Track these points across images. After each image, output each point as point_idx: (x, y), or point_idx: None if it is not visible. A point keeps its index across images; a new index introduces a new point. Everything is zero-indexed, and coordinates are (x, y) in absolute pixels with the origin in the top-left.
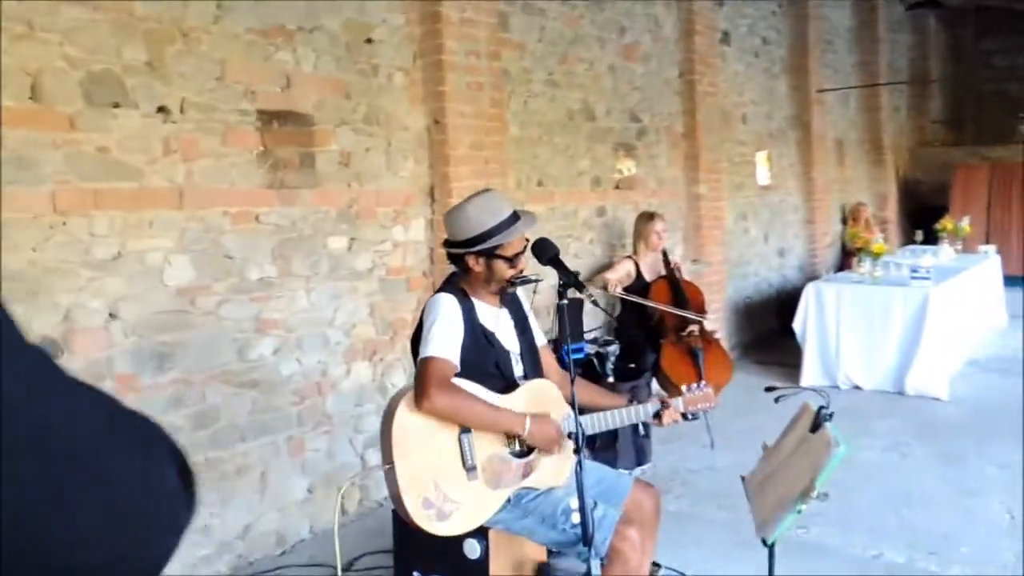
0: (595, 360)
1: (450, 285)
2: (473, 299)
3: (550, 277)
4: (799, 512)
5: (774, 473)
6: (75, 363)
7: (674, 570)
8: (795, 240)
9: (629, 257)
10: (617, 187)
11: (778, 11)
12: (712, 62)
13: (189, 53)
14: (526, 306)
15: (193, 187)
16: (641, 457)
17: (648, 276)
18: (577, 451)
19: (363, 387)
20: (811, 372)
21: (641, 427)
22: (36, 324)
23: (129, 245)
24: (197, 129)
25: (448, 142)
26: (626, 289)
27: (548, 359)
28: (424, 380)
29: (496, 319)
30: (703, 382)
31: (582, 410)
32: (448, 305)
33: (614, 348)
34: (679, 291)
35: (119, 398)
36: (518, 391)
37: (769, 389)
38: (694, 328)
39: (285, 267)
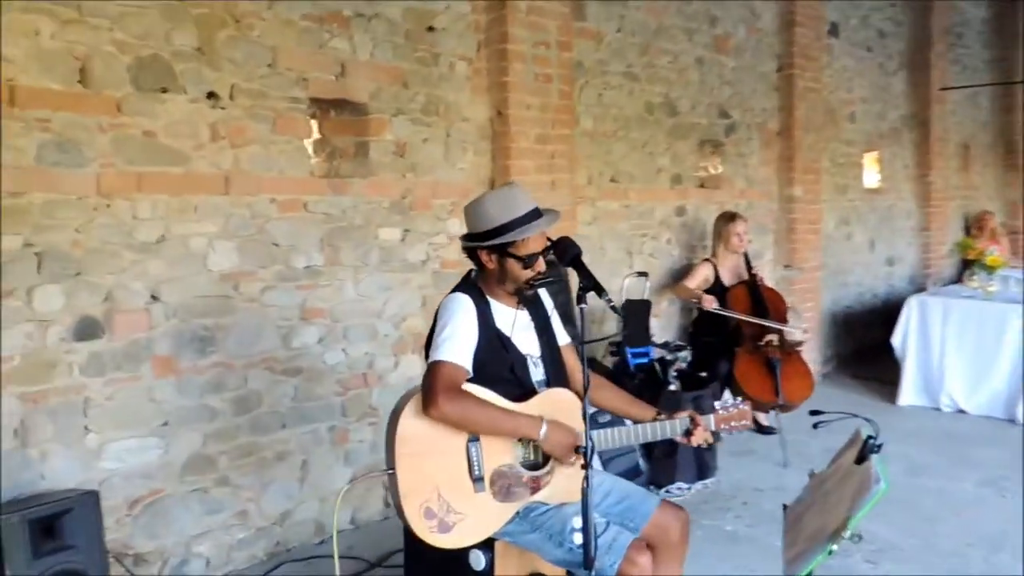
0: (658, 366)
1: (466, 284)
2: (490, 299)
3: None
4: (830, 553)
5: (814, 504)
6: (115, 344)
7: None
8: (907, 249)
9: (708, 260)
10: (701, 186)
11: (898, 2)
12: (816, 56)
13: (241, 39)
14: (548, 305)
15: (240, 173)
16: (703, 471)
17: (727, 280)
18: (585, 466)
19: (412, 380)
20: (910, 390)
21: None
22: (78, 303)
23: (173, 229)
24: (246, 116)
25: (511, 134)
26: (705, 292)
27: (572, 360)
28: (432, 386)
29: (513, 321)
30: (739, 398)
31: (611, 413)
32: (463, 306)
33: (685, 354)
34: (759, 298)
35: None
36: (534, 400)
37: (814, 413)
38: (772, 338)
39: (333, 256)
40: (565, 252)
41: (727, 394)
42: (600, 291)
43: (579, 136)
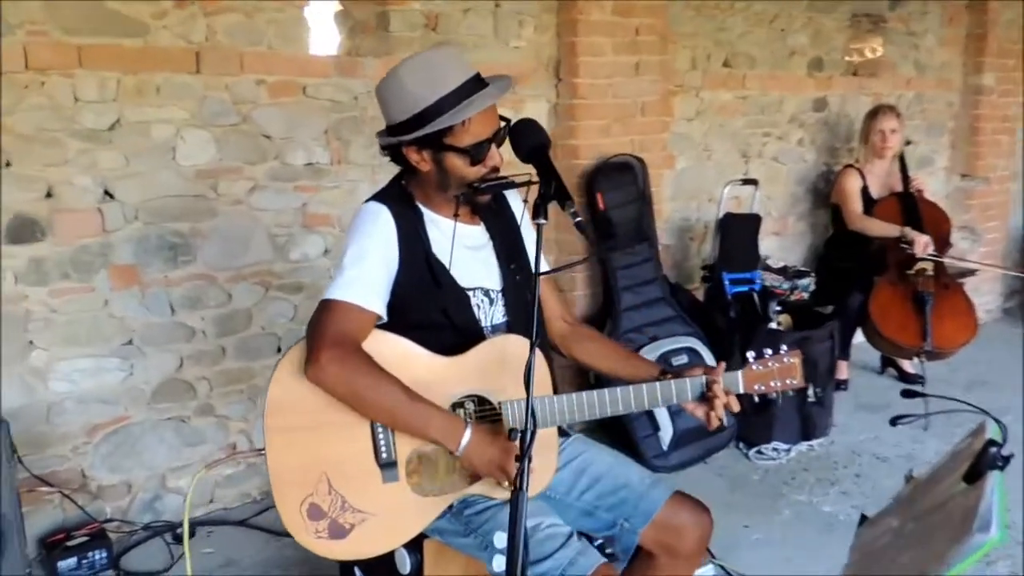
0: (757, 297)
1: (391, 190)
2: (424, 210)
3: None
4: None
5: (897, 528)
6: (60, 248)
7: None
8: None
9: (851, 166)
10: (854, 73)
11: None
12: None
13: None
14: (520, 216)
15: (215, 48)
16: (809, 429)
17: (875, 191)
18: (521, 456)
19: None
20: None
21: (814, 387)
22: (10, 200)
23: (129, 114)
24: None
25: (579, 3)
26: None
27: (551, 298)
28: (317, 336)
29: (459, 241)
30: (784, 347)
31: (598, 379)
32: (376, 221)
33: (807, 282)
34: (915, 215)
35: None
36: (468, 355)
37: (908, 395)
38: (926, 266)
39: (342, 152)
40: (523, 139)
41: (858, 335)
42: (564, 199)
43: (680, 7)
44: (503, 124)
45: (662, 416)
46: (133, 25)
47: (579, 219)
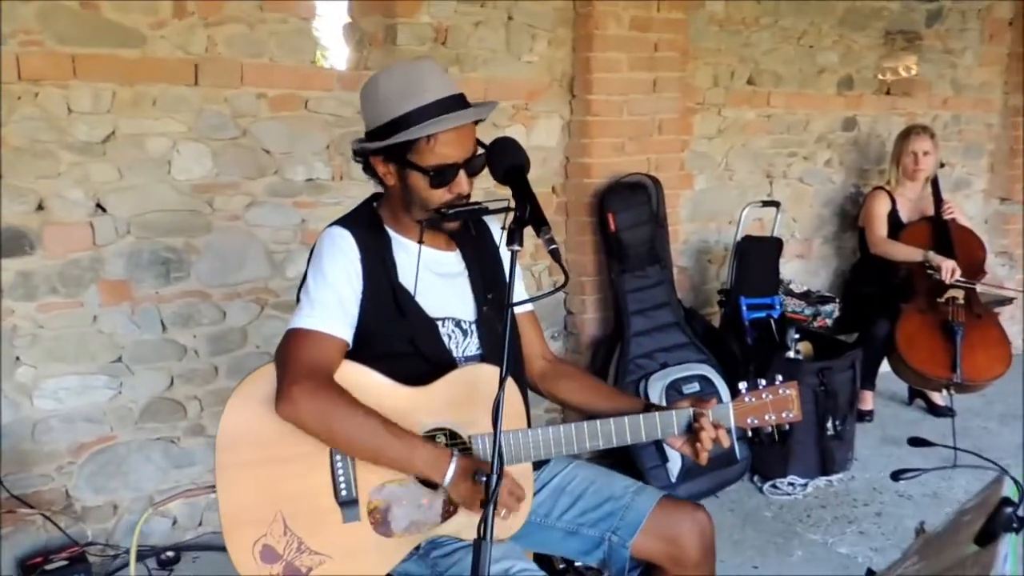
0: (773, 324)
1: (358, 213)
2: (392, 234)
3: None
4: None
5: None
6: (49, 262)
7: None
8: None
9: (880, 188)
10: (887, 92)
11: None
12: None
13: None
14: (500, 241)
15: (215, 60)
16: (828, 463)
17: (905, 215)
18: (486, 501)
19: None
20: None
21: (833, 420)
22: (3, 211)
23: (124, 127)
24: None
25: (595, 17)
26: None
27: (531, 333)
28: (287, 368)
29: (430, 268)
30: (779, 378)
31: (581, 413)
32: (336, 246)
33: (830, 308)
34: (946, 240)
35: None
36: (437, 384)
37: (914, 443)
38: (957, 294)
39: (343, 168)
40: (501, 158)
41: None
42: (539, 224)
43: (702, 22)
44: (480, 152)
45: None
46: (130, 35)
47: (554, 246)
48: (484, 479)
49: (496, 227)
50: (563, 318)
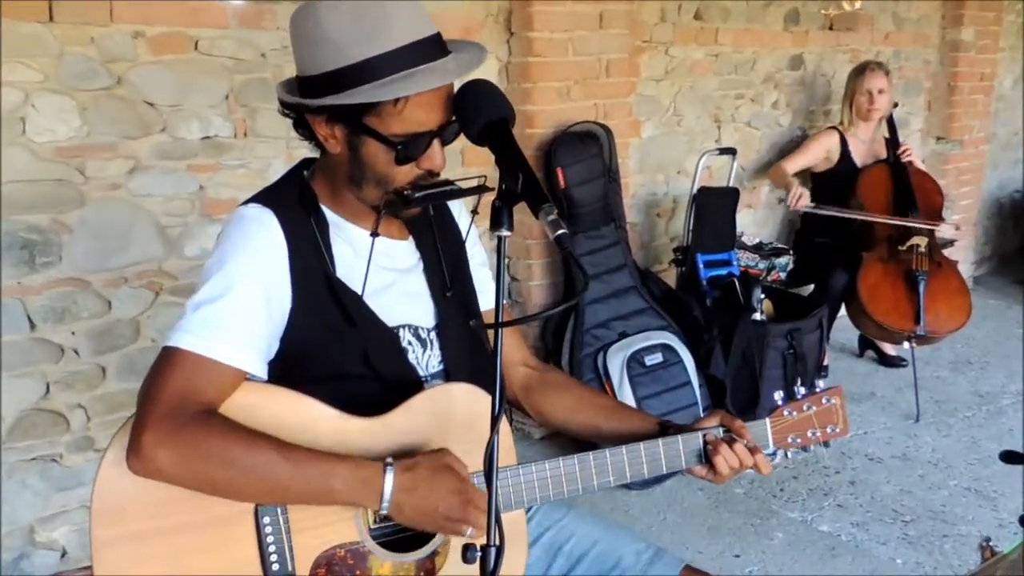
0: (737, 284)
1: (283, 187)
2: (331, 215)
3: None
4: None
5: None
6: None
7: None
8: None
9: (834, 128)
10: (830, 28)
11: None
12: None
13: None
14: (466, 228)
15: None
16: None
17: (859, 159)
18: (494, 551)
19: None
20: None
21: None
22: None
23: None
24: None
25: None
26: (825, 175)
27: (510, 337)
28: (145, 405)
29: (377, 260)
30: (820, 384)
31: (580, 440)
32: (253, 236)
33: (784, 261)
34: (904, 186)
35: None
36: (395, 414)
37: (1009, 457)
38: (919, 242)
39: (248, 122)
40: (476, 111)
41: (841, 318)
42: (538, 200)
43: None
44: (451, 114)
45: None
46: None
47: (562, 231)
48: (479, 555)
49: (458, 206)
50: (507, 285)
